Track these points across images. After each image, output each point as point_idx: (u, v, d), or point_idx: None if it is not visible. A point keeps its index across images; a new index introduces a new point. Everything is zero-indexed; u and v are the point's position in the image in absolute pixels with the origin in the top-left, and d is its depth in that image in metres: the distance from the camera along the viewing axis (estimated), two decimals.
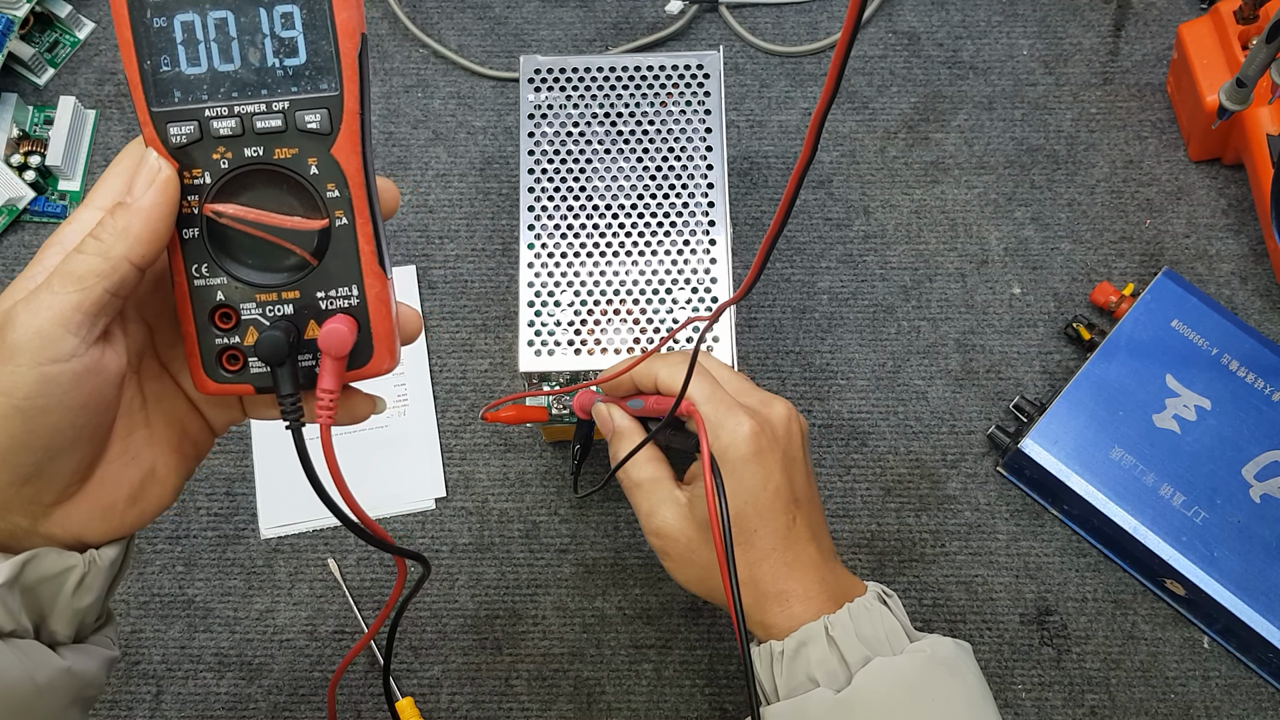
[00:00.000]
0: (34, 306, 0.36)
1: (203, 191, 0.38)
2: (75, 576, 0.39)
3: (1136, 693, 0.64)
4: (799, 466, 0.51)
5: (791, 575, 0.49)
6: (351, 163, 0.38)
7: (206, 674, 0.65)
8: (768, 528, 0.49)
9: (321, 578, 0.67)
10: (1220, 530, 0.62)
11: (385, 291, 0.40)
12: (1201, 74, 0.69)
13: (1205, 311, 0.66)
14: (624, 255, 0.60)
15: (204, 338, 0.40)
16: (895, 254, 0.72)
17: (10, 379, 0.35)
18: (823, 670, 0.47)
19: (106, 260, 0.36)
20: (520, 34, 0.78)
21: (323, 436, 0.39)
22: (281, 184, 0.38)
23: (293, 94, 0.38)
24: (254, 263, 0.39)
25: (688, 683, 0.65)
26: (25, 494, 0.38)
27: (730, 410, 0.50)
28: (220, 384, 0.40)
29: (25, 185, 0.73)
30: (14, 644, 0.38)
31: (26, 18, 0.74)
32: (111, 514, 0.40)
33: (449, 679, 0.65)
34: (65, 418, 0.37)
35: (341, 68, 0.37)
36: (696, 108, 0.62)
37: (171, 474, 0.42)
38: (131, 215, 0.37)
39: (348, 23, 0.37)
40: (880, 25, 0.78)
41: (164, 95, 0.38)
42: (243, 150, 0.38)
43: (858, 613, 0.48)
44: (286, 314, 0.39)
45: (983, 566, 0.66)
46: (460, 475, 0.69)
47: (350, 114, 0.38)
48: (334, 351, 0.39)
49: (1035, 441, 0.64)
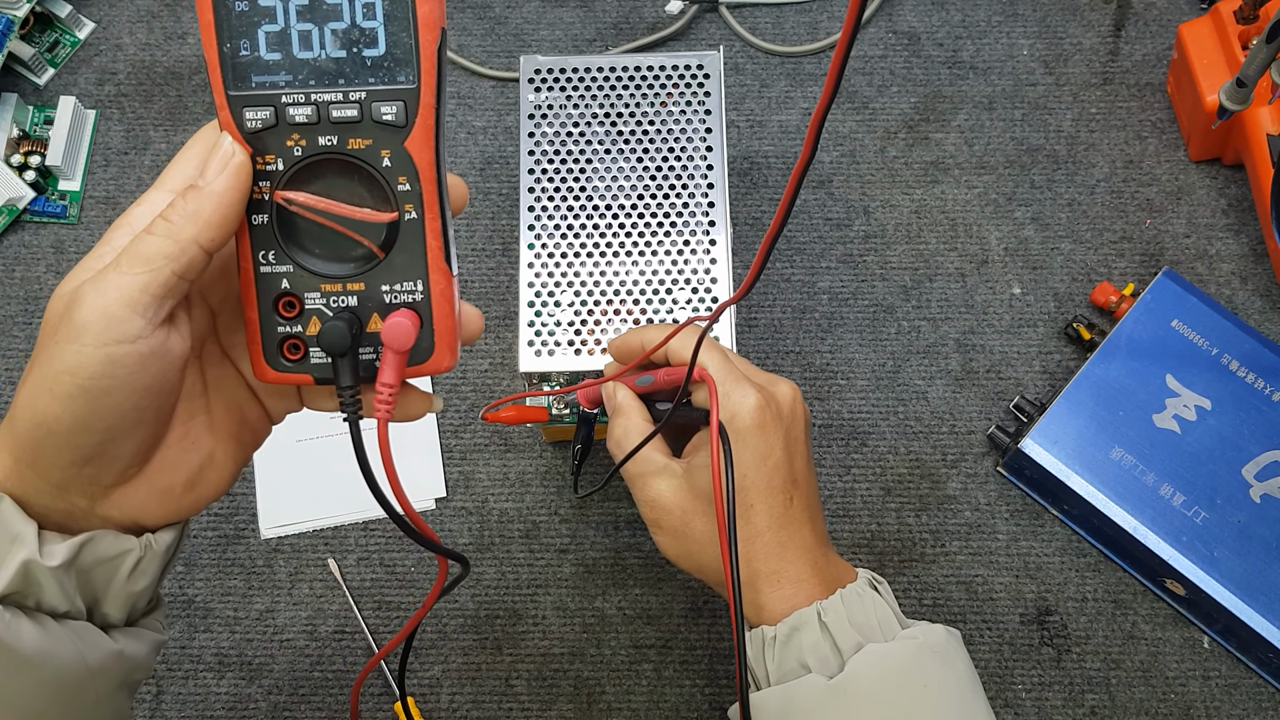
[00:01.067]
0: (101, 286, 0.35)
1: (274, 178, 0.38)
2: (131, 560, 0.39)
3: (1136, 693, 0.64)
4: (800, 447, 0.51)
5: (785, 556, 0.49)
6: (424, 157, 0.38)
7: (206, 674, 0.65)
8: (764, 504, 0.49)
9: (321, 578, 0.67)
10: (1220, 530, 0.62)
11: (450, 288, 0.40)
12: (1201, 74, 0.69)
13: (1205, 311, 0.66)
14: (624, 255, 0.60)
15: (266, 325, 0.40)
16: (895, 254, 0.72)
17: (76, 358, 0.35)
18: (815, 656, 0.47)
19: (176, 243, 0.36)
20: (520, 34, 0.78)
21: (379, 431, 0.38)
22: (353, 174, 0.38)
23: (370, 85, 0.38)
24: (321, 252, 0.39)
25: (688, 683, 0.65)
26: (86, 474, 0.37)
27: (739, 382, 0.50)
28: (280, 373, 0.40)
29: (25, 185, 0.73)
30: (67, 625, 0.39)
31: (26, 18, 0.74)
32: (169, 498, 0.40)
33: (449, 679, 0.65)
34: (129, 399, 0.36)
35: (420, 61, 0.37)
36: (696, 108, 0.62)
37: (229, 460, 0.42)
38: (203, 198, 0.37)
39: (429, 15, 0.37)
40: (880, 25, 0.78)
41: (241, 79, 0.38)
42: (317, 139, 0.38)
43: (850, 599, 0.48)
44: (350, 305, 0.39)
45: (983, 566, 0.66)
46: (460, 475, 0.69)
47: (426, 108, 0.38)
48: (396, 346, 0.38)
49: (1035, 441, 0.64)
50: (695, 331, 0.51)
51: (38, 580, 0.37)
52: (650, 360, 0.54)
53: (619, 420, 0.53)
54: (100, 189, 0.75)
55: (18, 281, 0.73)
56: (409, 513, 0.40)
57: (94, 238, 0.73)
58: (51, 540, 0.38)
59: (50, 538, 0.38)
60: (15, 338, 0.71)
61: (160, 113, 0.76)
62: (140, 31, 0.78)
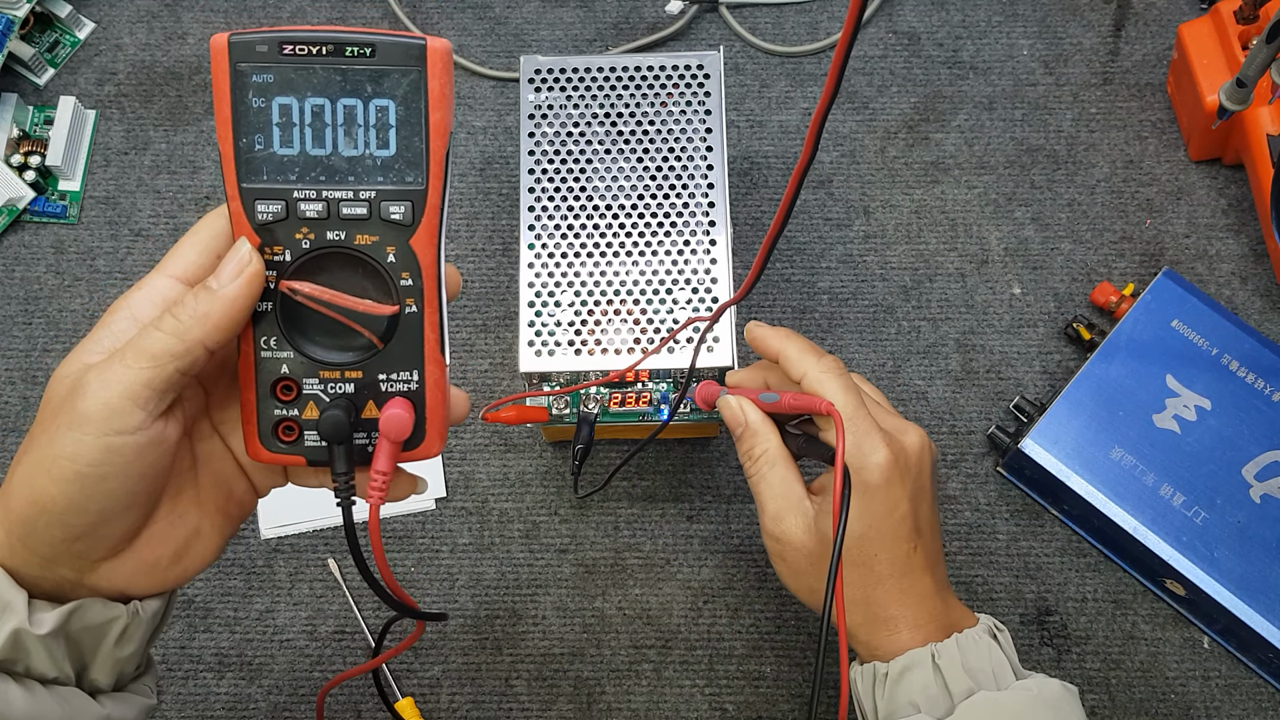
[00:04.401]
0: (106, 378, 0.36)
1: (281, 268, 0.39)
2: (118, 627, 0.40)
3: (1136, 693, 0.64)
4: (926, 496, 0.51)
5: (904, 602, 0.50)
6: (427, 254, 0.39)
7: (206, 674, 0.65)
8: (888, 554, 0.50)
9: (321, 578, 0.67)
10: (1220, 530, 0.62)
11: (443, 378, 0.41)
12: (1201, 74, 0.69)
13: (1205, 311, 0.66)
14: (624, 255, 0.60)
15: (263, 407, 0.40)
16: (895, 254, 0.72)
17: (76, 445, 0.36)
18: (925, 696, 0.47)
19: (182, 342, 0.37)
20: (520, 34, 0.78)
21: (371, 516, 0.40)
22: (357, 268, 0.39)
23: (379, 184, 0.39)
24: (322, 340, 0.40)
25: (687, 683, 0.65)
26: (75, 549, 0.38)
27: (869, 433, 0.50)
28: (274, 454, 0.41)
29: (25, 185, 0.73)
30: (55, 691, 0.39)
31: (26, 18, 0.74)
32: (156, 570, 0.41)
33: (449, 679, 0.65)
34: (124, 485, 0.37)
35: (429, 164, 0.39)
36: (697, 108, 0.62)
37: (215, 534, 0.43)
38: (215, 302, 0.37)
39: (440, 122, 0.38)
40: (880, 25, 0.78)
41: (254, 173, 0.39)
42: (325, 233, 0.39)
43: (966, 644, 0.48)
44: (347, 392, 0.40)
45: (983, 566, 0.66)
46: (460, 475, 0.69)
47: (432, 208, 0.39)
48: (393, 436, 0.40)
49: (1035, 441, 0.64)
50: (835, 367, 0.51)
51: (26, 647, 0.38)
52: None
53: (757, 442, 0.52)
54: (100, 189, 0.75)
55: (18, 281, 0.73)
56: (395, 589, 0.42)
57: (94, 238, 0.73)
58: (40, 608, 0.38)
59: (39, 606, 0.38)
60: (15, 338, 0.71)
61: (160, 113, 0.76)
62: (140, 31, 0.78)
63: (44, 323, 0.72)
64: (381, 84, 0.38)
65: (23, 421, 0.70)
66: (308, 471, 0.43)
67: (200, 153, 0.75)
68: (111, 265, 0.73)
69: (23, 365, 0.71)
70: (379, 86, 0.38)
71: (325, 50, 0.38)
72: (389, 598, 0.42)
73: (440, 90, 0.38)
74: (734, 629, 0.65)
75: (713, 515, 0.68)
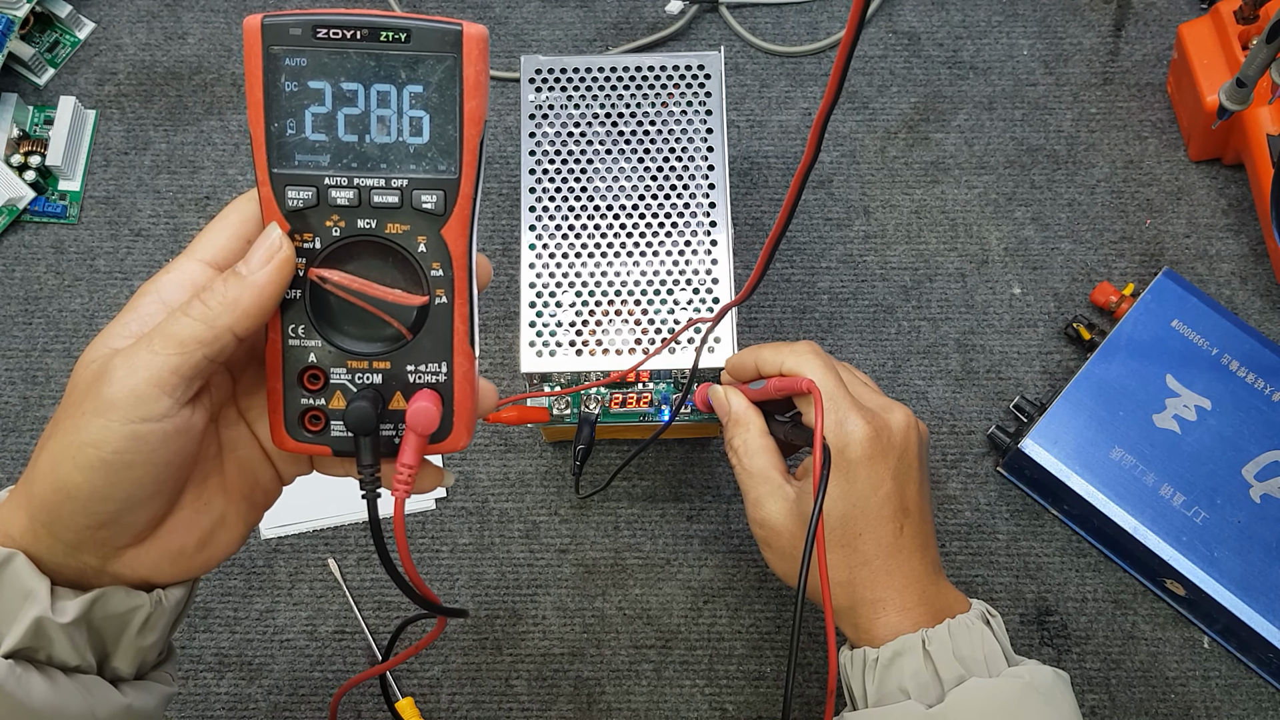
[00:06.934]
0: (132, 364, 0.36)
1: (310, 255, 0.39)
2: (141, 616, 0.40)
3: (1136, 693, 0.64)
4: (913, 475, 0.51)
5: (891, 584, 0.49)
6: (459, 245, 0.39)
7: (206, 674, 0.65)
8: (872, 534, 0.49)
9: (321, 578, 0.67)
10: (1220, 530, 0.62)
11: (472, 370, 0.40)
12: (1201, 74, 0.69)
13: (1205, 311, 0.66)
14: (625, 255, 0.60)
15: (290, 396, 0.40)
16: (895, 254, 0.72)
17: (102, 432, 0.36)
18: (915, 683, 0.47)
19: (211, 329, 0.36)
20: (520, 34, 0.78)
21: (396, 510, 0.39)
22: (387, 257, 0.39)
23: (411, 172, 0.38)
24: (351, 330, 0.40)
25: (688, 683, 0.65)
26: (99, 537, 0.38)
27: (850, 410, 0.50)
28: (299, 443, 0.41)
29: (25, 185, 0.73)
30: (77, 679, 0.39)
31: (26, 18, 0.74)
32: (180, 559, 0.40)
33: (449, 679, 0.65)
34: (149, 473, 0.37)
35: (463, 152, 0.38)
36: (697, 108, 0.62)
37: (240, 521, 0.42)
38: (244, 288, 0.37)
39: (475, 110, 0.38)
40: (880, 25, 0.78)
41: (286, 158, 0.38)
42: (356, 221, 0.38)
43: (957, 630, 0.48)
44: (375, 383, 0.40)
45: (983, 566, 0.67)
46: (460, 475, 0.69)
47: (464, 198, 0.38)
48: (420, 429, 0.39)
49: (1035, 441, 0.64)
50: (810, 348, 0.51)
51: (49, 636, 0.38)
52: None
53: (738, 431, 0.53)
54: (100, 189, 0.75)
55: (18, 281, 0.73)
56: (418, 584, 0.41)
57: (94, 238, 0.73)
58: (63, 596, 0.38)
59: (62, 594, 0.38)
60: (15, 338, 0.71)
61: (160, 113, 0.76)
62: (140, 31, 0.78)
63: (44, 323, 0.72)
64: (416, 70, 0.37)
65: (23, 421, 0.70)
66: (333, 461, 0.42)
67: (200, 153, 0.75)
68: (111, 265, 0.73)
69: (23, 365, 0.71)
70: (413, 73, 0.37)
71: (360, 35, 0.37)
72: (412, 592, 0.41)
73: (476, 77, 0.37)
74: (734, 629, 0.66)
75: (713, 515, 0.68)
